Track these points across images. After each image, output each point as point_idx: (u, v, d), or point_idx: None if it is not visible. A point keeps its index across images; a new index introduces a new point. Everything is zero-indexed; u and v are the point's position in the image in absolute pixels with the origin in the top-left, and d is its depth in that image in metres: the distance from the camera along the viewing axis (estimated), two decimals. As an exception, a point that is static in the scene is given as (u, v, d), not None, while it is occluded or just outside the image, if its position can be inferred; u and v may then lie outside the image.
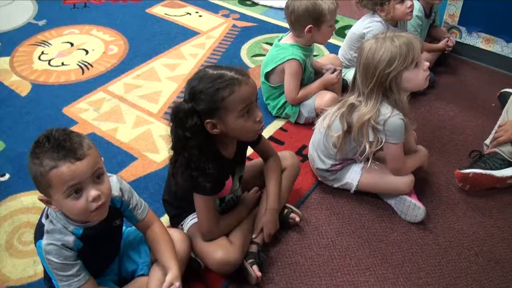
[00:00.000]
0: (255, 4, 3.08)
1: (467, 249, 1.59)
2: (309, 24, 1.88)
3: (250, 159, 1.68)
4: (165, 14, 2.93)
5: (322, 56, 2.40)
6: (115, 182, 1.25)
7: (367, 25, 2.11)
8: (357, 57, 1.57)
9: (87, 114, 2.11)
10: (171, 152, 1.33)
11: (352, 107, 1.56)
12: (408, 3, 2.00)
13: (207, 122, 1.27)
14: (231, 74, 1.26)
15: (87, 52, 2.55)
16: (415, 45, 1.49)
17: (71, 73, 2.38)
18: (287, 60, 1.94)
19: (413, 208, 1.63)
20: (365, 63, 1.51)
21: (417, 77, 1.52)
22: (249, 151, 1.55)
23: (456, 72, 2.48)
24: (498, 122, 1.90)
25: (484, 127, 2.04)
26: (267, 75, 2.04)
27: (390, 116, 1.51)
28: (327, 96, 1.98)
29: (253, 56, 2.54)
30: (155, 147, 1.93)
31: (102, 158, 1.14)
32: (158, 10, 2.97)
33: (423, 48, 2.01)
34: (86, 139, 1.10)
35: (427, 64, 1.54)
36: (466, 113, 2.18)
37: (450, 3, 2.47)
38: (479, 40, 2.48)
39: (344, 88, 2.15)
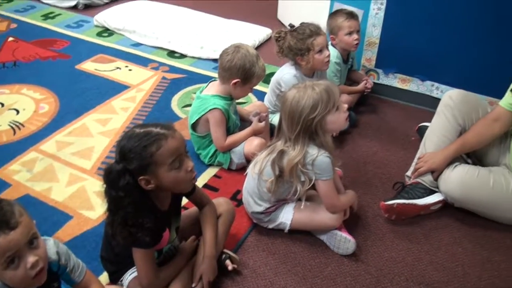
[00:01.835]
0: (184, 56, 3.18)
1: (397, 276, 1.69)
2: (238, 78, 2.00)
3: (185, 208, 1.71)
4: (95, 69, 2.96)
5: (250, 103, 2.51)
6: (51, 246, 1.25)
7: (283, 74, 2.25)
8: (281, 106, 1.67)
9: (20, 176, 2.08)
10: (107, 213, 1.35)
11: (282, 153, 1.65)
12: (326, 53, 2.15)
13: (141, 179, 1.31)
14: (157, 130, 1.32)
15: (18, 111, 2.52)
16: (334, 91, 1.62)
17: (3, 134, 2.34)
18: (210, 110, 2.03)
19: (344, 241, 1.72)
20: (290, 111, 1.61)
21: (339, 119, 1.64)
22: (184, 200, 1.59)
23: (377, 110, 2.66)
24: (418, 154, 2.05)
25: (406, 159, 2.18)
26: (194, 126, 2.12)
27: (318, 156, 1.61)
28: (256, 141, 2.07)
29: (184, 106, 2.61)
30: (90, 204, 1.93)
31: (34, 221, 1.14)
32: (88, 66, 3.00)
33: (341, 92, 2.19)
34: (17, 205, 1.11)
35: (346, 106, 1.67)
36: (388, 148, 2.34)
37: (366, 48, 2.67)
38: (395, 81, 2.69)
39: (271, 132, 2.25)
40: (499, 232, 1.90)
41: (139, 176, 1.31)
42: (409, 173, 2.04)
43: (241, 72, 1.99)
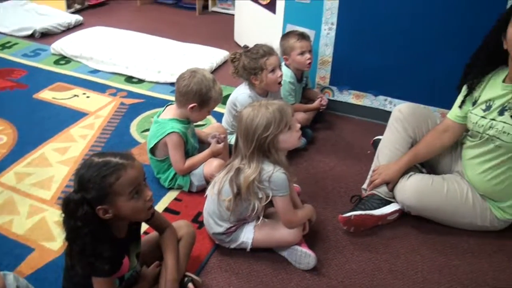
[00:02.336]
0: (142, 81, 3.20)
1: (359, 286, 1.73)
2: (195, 103, 2.03)
3: (146, 233, 1.72)
4: (53, 98, 2.95)
5: (208, 125, 2.54)
6: (11, 281, 1.25)
7: (238, 95, 2.30)
8: (237, 124, 1.72)
9: (-20, 211, 2.03)
10: (66, 243, 1.35)
11: (238, 171, 1.69)
12: (279, 73, 2.22)
13: (99, 208, 1.32)
14: (116, 160, 1.33)
15: (-25, 145, 2.48)
16: (286, 110, 1.67)
17: (-40, 169, 2.29)
18: (168, 134, 2.05)
19: (304, 256, 1.76)
20: (245, 129, 1.66)
21: (291, 138, 1.69)
22: (145, 226, 1.60)
23: (333, 126, 2.74)
24: (372, 167, 2.12)
25: (363, 173, 2.24)
26: (152, 150, 2.14)
27: (273, 172, 1.65)
28: (215, 163, 2.10)
29: (143, 131, 2.62)
30: (51, 235, 1.90)
31: None
32: (45, 95, 2.98)
33: (294, 112, 2.25)
34: None
35: (298, 125, 1.72)
36: (345, 162, 2.40)
37: (320, 67, 2.76)
38: (350, 97, 2.78)
39: (230, 153, 2.28)
40: (455, 237, 1.98)
41: (97, 206, 1.31)
42: (365, 185, 2.10)
43: (197, 97, 2.03)
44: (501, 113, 1.80)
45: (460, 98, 1.99)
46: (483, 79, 1.89)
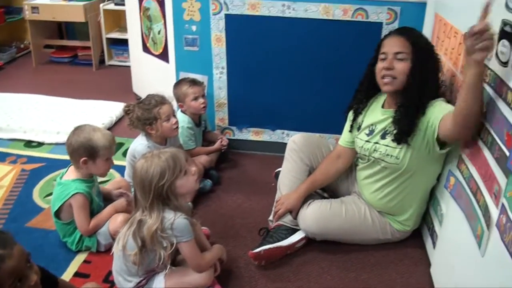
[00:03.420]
0: (41, 144, 3.11)
1: (275, 318, 1.78)
2: (84, 157, 2.01)
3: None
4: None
5: (112, 180, 2.52)
6: None
7: (135, 146, 2.32)
8: (133, 177, 1.73)
9: None
10: None
11: (141, 223, 1.69)
12: (173, 120, 2.27)
13: None
14: None
15: None
16: (179, 156, 1.71)
17: None
18: (72, 195, 2.02)
19: (218, 297, 1.78)
20: (141, 181, 1.68)
21: (188, 182, 1.72)
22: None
23: (237, 164, 2.82)
24: (276, 198, 2.20)
25: (268, 205, 2.29)
26: (57, 214, 2.08)
27: (175, 219, 1.67)
28: (119, 218, 2.07)
29: (46, 196, 2.53)
30: None
31: None
32: None
33: (199, 154, 2.29)
34: None
35: (194, 169, 1.77)
36: (251, 198, 2.47)
37: (217, 109, 2.86)
38: (249, 134, 2.89)
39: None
40: (362, 253, 2.09)
41: None
42: (271, 217, 2.18)
43: (83, 150, 2.00)
44: (383, 136, 1.96)
45: (348, 124, 2.15)
46: (366, 105, 2.06)
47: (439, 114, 1.76)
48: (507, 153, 1.34)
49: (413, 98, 1.82)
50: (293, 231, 2.10)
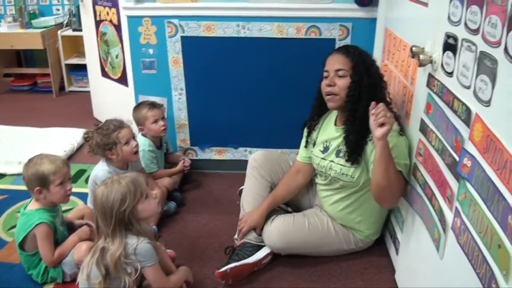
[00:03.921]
0: (3, 175, 3.04)
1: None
2: (37, 186, 1.98)
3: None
4: None
5: (75, 208, 2.47)
6: None
7: (97, 172, 2.29)
8: (94, 204, 1.72)
9: None
10: None
11: (103, 251, 1.67)
12: (133, 144, 2.26)
13: None
14: None
15: None
16: (139, 180, 1.71)
17: None
18: (36, 225, 1.98)
19: (186, 320, 1.77)
20: (102, 207, 1.66)
21: (149, 206, 1.72)
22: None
23: (201, 185, 2.82)
24: (240, 217, 2.21)
25: (234, 224, 2.30)
26: (22, 245, 2.03)
27: (138, 244, 1.66)
28: (83, 246, 2.03)
29: (9, 229, 2.46)
30: None
31: None
32: None
33: (162, 176, 2.28)
34: None
35: (155, 192, 1.77)
36: (217, 217, 2.47)
37: (179, 131, 2.86)
38: (212, 154, 2.90)
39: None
40: (328, 264, 2.12)
41: None
42: (236, 236, 2.18)
43: (34, 180, 1.98)
44: (337, 154, 2.01)
45: (303, 140, 2.19)
46: (318, 121, 2.11)
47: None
48: (457, 159, 1.39)
49: (355, 113, 1.88)
50: (259, 247, 2.11)
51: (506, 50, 1.11)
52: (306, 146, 2.17)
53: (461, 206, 1.35)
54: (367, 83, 1.90)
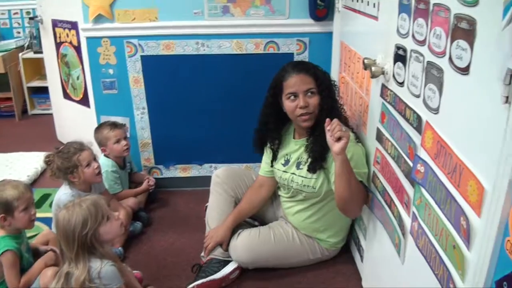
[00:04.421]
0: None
1: None
2: (1, 214, 1.94)
3: None
4: None
5: (40, 233, 2.42)
6: None
7: (59, 196, 2.25)
8: (56, 229, 1.69)
9: None
10: None
11: (68, 275, 1.64)
12: (95, 165, 2.24)
13: None
14: None
15: None
16: (100, 203, 1.70)
17: None
18: (1, 253, 1.93)
19: None
20: (64, 232, 1.64)
21: (112, 228, 1.71)
22: None
23: (167, 203, 2.80)
24: (206, 233, 2.21)
25: (201, 241, 2.28)
26: (-13, 274, 1.98)
27: (102, 267, 1.64)
28: (49, 272, 1.98)
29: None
30: None
31: None
32: None
33: (126, 196, 2.27)
34: None
35: (117, 213, 1.76)
36: (184, 235, 2.46)
37: (142, 150, 2.85)
38: (177, 171, 2.90)
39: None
40: (295, 275, 2.13)
41: None
42: (202, 253, 2.18)
43: None
44: (298, 166, 2.05)
45: (265, 155, 2.22)
46: (279, 135, 2.13)
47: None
48: (411, 165, 1.44)
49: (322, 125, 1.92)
50: (226, 263, 2.11)
51: (450, 59, 1.16)
52: (267, 160, 2.20)
53: (417, 211, 1.39)
54: (332, 94, 1.96)
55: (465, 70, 1.09)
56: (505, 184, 0.92)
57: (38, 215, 2.10)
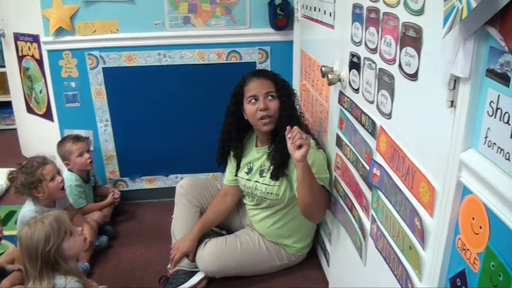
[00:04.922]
0: None
1: None
2: None
3: None
4: None
5: (5, 252, 2.37)
6: None
7: (23, 213, 2.22)
8: (19, 246, 1.67)
9: None
10: None
11: (30, 294, 1.62)
12: (59, 179, 2.21)
13: None
14: None
15: None
16: (62, 218, 1.68)
17: None
18: None
19: None
20: (27, 249, 1.62)
21: (75, 243, 1.70)
22: None
23: (134, 215, 2.78)
24: (172, 245, 2.20)
25: (169, 254, 2.26)
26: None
27: (66, 285, 1.62)
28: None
29: None
30: None
31: None
32: None
33: (91, 210, 2.24)
34: None
35: (79, 228, 1.74)
36: (151, 247, 2.44)
37: (107, 162, 2.82)
38: (143, 183, 2.88)
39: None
40: (263, 282, 2.15)
41: None
42: (169, 265, 2.17)
43: None
44: (261, 174, 2.07)
45: (229, 165, 2.24)
46: (241, 143, 2.15)
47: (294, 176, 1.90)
48: (368, 169, 1.48)
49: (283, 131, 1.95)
50: (192, 273, 2.11)
51: (400, 66, 1.20)
52: (231, 170, 2.21)
53: (375, 213, 1.43)
54: (292, 101, 1.99)
55: (413, 76, 1.14)
56: (454, 184, 0.96)
57: (4, 233, 2.07)
